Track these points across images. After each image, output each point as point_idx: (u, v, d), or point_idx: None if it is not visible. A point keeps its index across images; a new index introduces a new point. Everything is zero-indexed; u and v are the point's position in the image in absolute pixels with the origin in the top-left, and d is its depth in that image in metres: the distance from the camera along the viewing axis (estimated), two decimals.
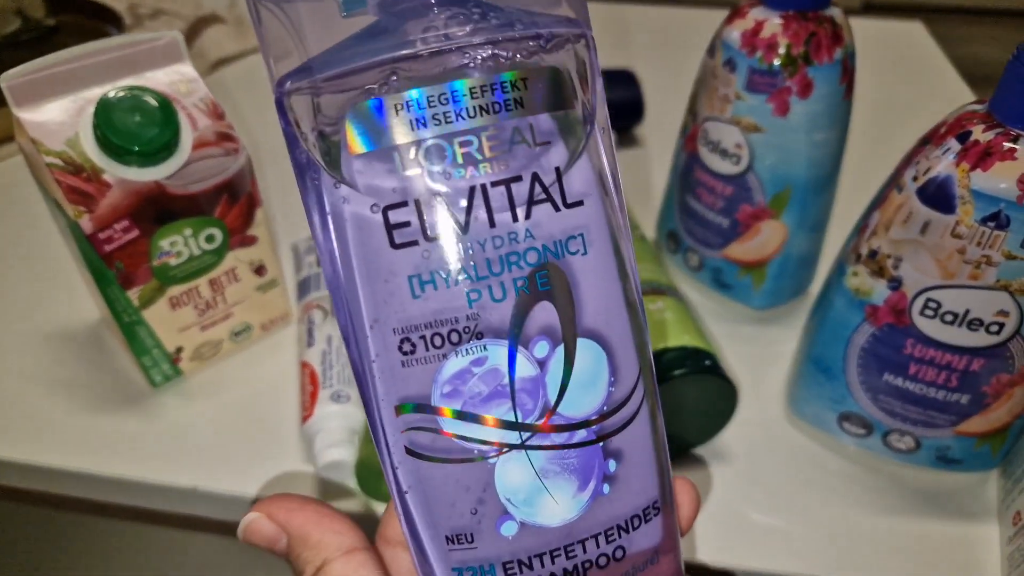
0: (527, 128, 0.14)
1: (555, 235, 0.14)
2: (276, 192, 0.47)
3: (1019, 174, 0.24)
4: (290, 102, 0.14)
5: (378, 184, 0.14)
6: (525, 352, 0.14)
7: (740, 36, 0.34)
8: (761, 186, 0.35)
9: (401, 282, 0.14)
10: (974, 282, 0.26)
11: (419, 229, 0.14)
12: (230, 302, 0.35)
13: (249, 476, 0.31)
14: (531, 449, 0.15)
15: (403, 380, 0.15)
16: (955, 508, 0.31)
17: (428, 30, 0.13)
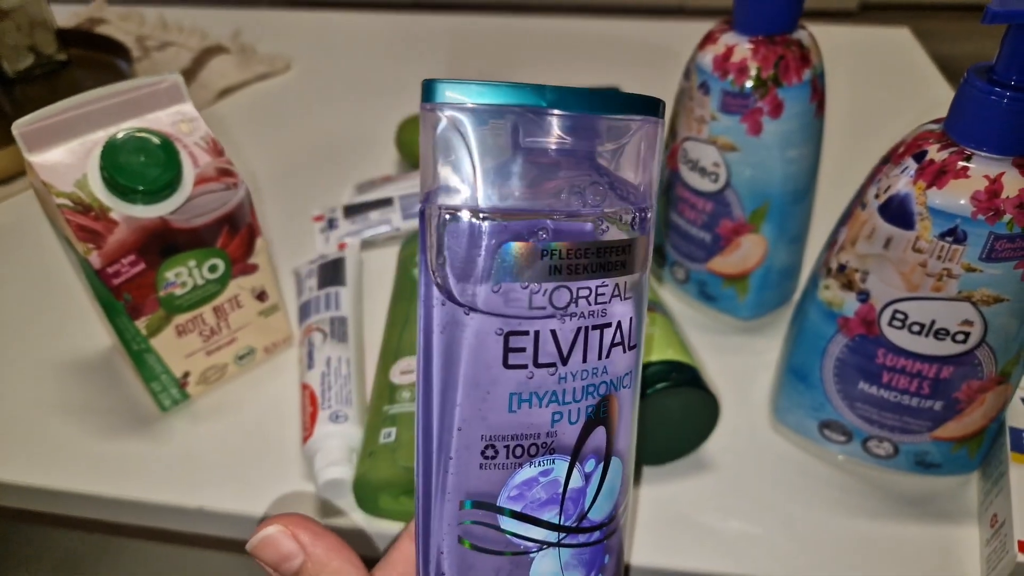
0: (624, 285, 0.17)
1: (619, 372, 0.17)
2: (276, 218, 0.49)
3: (972, 191, 0.25)
4: (434, 218, 0.16)
5: (507, 312, 0.16)
6: (579, 467, 0.17)
7: (712, 60, 0.35)
8: (740, 202, 0.37)
9: (502, 396, 0.16)
10: (937, 294, 0.27)
11: (531, 355, 0.16)
12: (234, 327, 0.37)
13: (253, 495, 0.33)
14: (563, 547, 0.17)
15: (477, 479, 0.17)
16: (936, 511, 0.32)
17: (567, 191, 0.16)
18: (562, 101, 0.16)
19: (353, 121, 0.60)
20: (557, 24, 0.75)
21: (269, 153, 0.56)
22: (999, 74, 0.25)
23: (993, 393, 0.29)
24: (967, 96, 0.25)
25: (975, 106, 0.25)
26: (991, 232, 0.25)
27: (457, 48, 0.71)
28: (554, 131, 0.16)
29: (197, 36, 0.72)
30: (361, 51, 0.71)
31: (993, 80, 0.25)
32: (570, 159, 0.16)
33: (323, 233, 0.46)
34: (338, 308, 0.38)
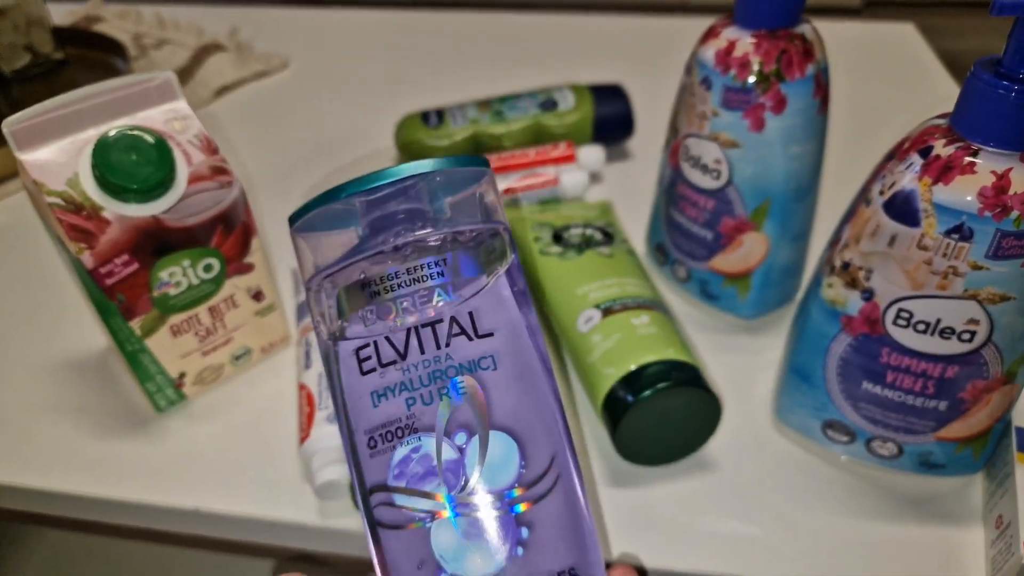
0: (446, 288, 0.21)
1: (470, 356, 0.20)
2: (273, 216, 0.49)
3: (979, 187, 0.25)
4: (311, 296, 0.21)
5: (355, 334, 0.21)
6: (448, 440, 0.20)
7: (714, 55, 0.34)
8: (741, 199, 0.36)
9: (366, 398, 0.20)
10: (943, 292, 0.27)
11: (376, 360, 0.20)
12: (230, 327, 0.36)
13: (249, 497, 0.32)
14: (457, 516, 0.19)
15: (372, 469, 0.20)
16: (940, 512, 0.32)
17: (386, 238, 0.21)
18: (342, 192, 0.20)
19: (351, 119, 0.60)
20: (558, 21, 0.75)
21: (267, 152, 0.56)
22: (1007, 67, 0.24)
23: (999, 393, 0.29)
24: (974, 90, 0.25)
25: (982, 100, 0.25)
26: (998, 229, 0.25)
27: (457, 45, 0.70)
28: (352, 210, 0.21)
29: (194, 34, 0.72)
30: (359, 49, 0.70)
31: (1000, 73, 0.24)
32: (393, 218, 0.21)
33: None
34: None
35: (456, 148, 0.51)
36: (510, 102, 0.52)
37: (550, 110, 0.52)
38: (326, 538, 0.32)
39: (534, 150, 0.48)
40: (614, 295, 0.35)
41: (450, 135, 0.51)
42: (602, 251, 0.39)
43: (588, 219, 0.42)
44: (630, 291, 0.36)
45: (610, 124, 0.53)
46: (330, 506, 0.32)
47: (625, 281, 0.36)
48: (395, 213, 0.21)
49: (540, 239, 0.41)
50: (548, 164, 0.48)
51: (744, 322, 0.40)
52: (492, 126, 0.51)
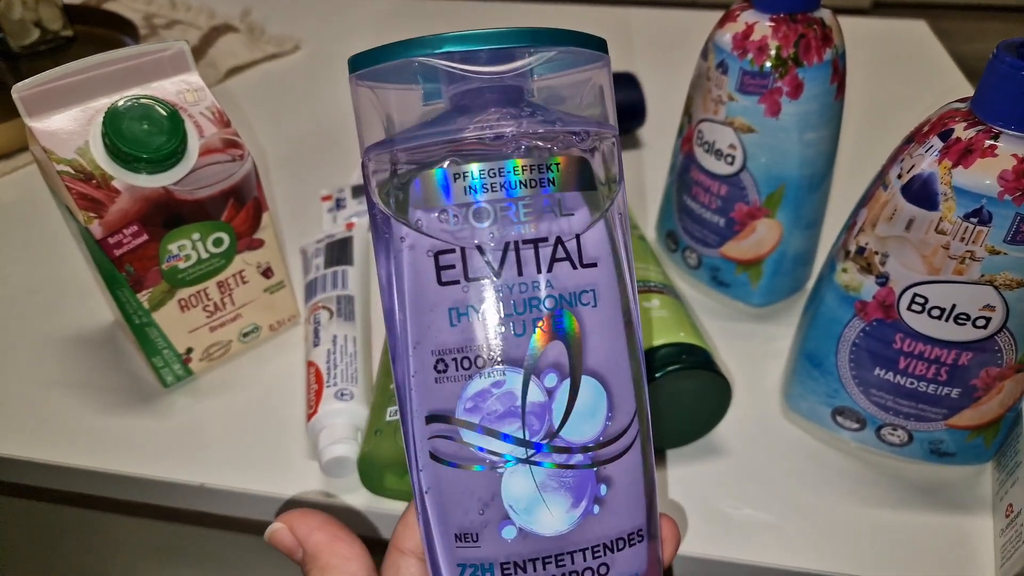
0: (557, 202, 0.17)
1: (570, 288, 0.17)
2: (284, 197, 0.49)
3: (1000, 171, 0.24)
4: (371, 167, 0.18)
5: (434, 234, 0.17)
6: (536, 381, 0.17)
7: (731, 39, 0.34)
8: (755, 185, 0.36)
9: (442, 312, 0.17)
10: (959, 277, 0.26)
11: (462, 271, 0.17)
12: (238, 303, 0.36)
13: (255, 473, 0.32)
14: (534, 465, 0.17)
15: (435, 395, 0.17)
16: (950, 500, 0.31)
17: (483, 122, 0.17)
18: (459, 42, 0.17)
19: None
20: (572, 10, 0.75)
21: (278, 132, 0.56)
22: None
23: (1012, 381, 0.29)
24: (996, 72, 0.25)
25: (1004, 83, 0.24)
26: (1017, 213, 0.25)
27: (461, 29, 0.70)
28: (458, 74, 0.17)
29: (205, 15, 0.72)
30: (372, 32, 0.70)
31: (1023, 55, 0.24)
32: (488, 95, 0.17)
33: (330, 213, 0.46)
34: (345, 287, 0.38)
35: None
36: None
37: None
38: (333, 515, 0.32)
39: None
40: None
41: None
42: None
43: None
44: (641, 275, 0.35)
45: (623, 112, 0.52)
46: (337, 483, 0.31)
47: (638, 266, 0.36)
48: (495, 91, 0.17)
49: None
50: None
51: (752, 310, 0.40)
52: None
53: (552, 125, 0.17)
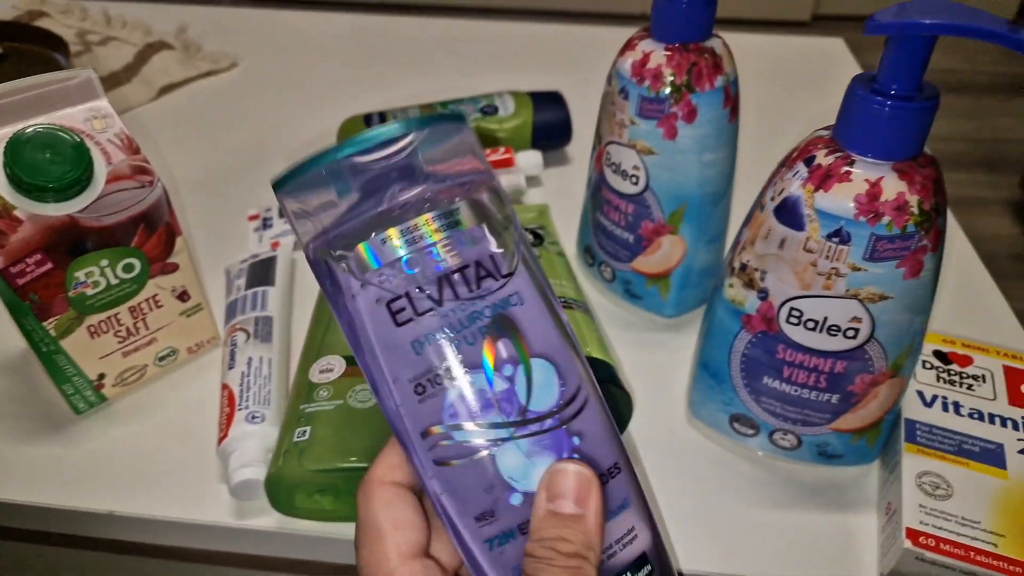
0: (467, 237, 0.21)
1: (499, 296, 0.21)
2: (202, 220, 0.49)
3: (855, 194, 0.26)
4: (317, 255, 0.21)
5: (380, 288, 0.21)
6: (498, 374, 0.21)
7: (630, 66, 0.36)
8: (659, 204, 0.38)
9: (406, 347, 0.21)
10: (827, 292, 0.28)
11: (412, 311, 0.21)
12: (152, 328, 0.36)
13: (166, 499, 0.32)
14: (518, 439, 0.21)
15: (422, 414, 0.21)
16: (841, 500, 0.33)
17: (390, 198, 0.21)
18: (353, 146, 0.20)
19: (298, 120, 0.60)
20: (504, 27, 0.76)
21: (211, 151, 0.56)
22: (880, 83, 0.26)
23: (886, 386, 0.31)
24: (852, 104, 0.27)
25: (858, 114, 0.26)
26: (872, 233, 0.27)
27: (404, 50, 0.71)
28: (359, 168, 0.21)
29: (141, 31, 0.71)
30: (309, 50, 0.70)
31: (874, 89, 0.26)
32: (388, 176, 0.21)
33: (256, 232, 0.46)
34: (264, 308, 0.38)
35: None
36: (452, 107, 0.53)
37: (490, 115, 0.53)
38: (243, 538, 0.32)
39: None
40: None
41: None
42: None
43: (522, 222, 0.43)
44: (557, 292, 0.37)
45: (549, 130, 0.54)
46: (247, 506, 0.32)
47: (554, 282, 0.38)
48: (389, 172, 0.21)
49: None
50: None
51: (665, 321, 0.42)
52: None
53: (443, 183, 0.21)
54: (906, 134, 0.26)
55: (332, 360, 0.32)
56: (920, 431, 0.32)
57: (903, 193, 0.26)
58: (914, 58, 0.25)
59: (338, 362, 0.32)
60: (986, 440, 0.31)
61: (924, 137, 0.27)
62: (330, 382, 0.31)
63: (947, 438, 0.32)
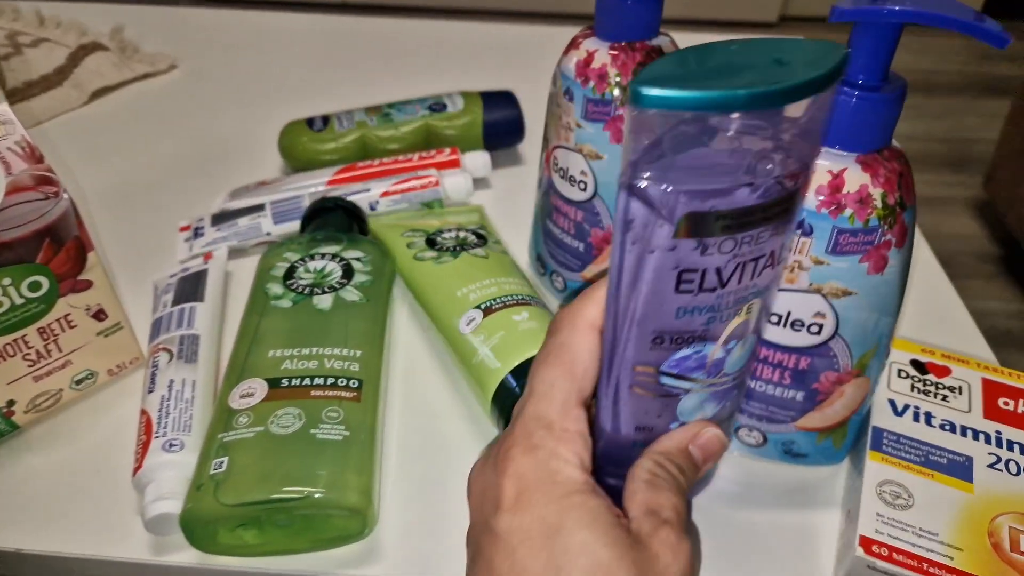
0: (782, 227, 0.21)
1: (766, 283, 0.22)
2: (133, 233, 0.46)
3: (817, 185, 0.26)
4: (646, 192, 0.20)
5: (683, 257, 0.20)
6: (724, 347, 0.23)
7: (575, 66, 0.34)
8: (608, 211, 0.36)
9: (671, 309, 0.22)
10: (791, 286, 0.28)
11: (697, 285, 0.21)
12: (66, 350, 0.33)
13: (79, 535, 0.30)
14: (702, 391, 0.24)
15: (647, 356, 0.22)
16: (806, 501, 0.32)
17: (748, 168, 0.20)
18: (749, 103, 0.18)
19: (239, 125, 0.57)
20: (455, 27, 0.74)
21: (145, 158, 0.53)
22: (847, 74, 0.25)
23: (852, 386, 0.30)
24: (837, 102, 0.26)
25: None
26: (834, 226, 0.26)
27: (352, 51, 0.69)
28: (736, 124, 0.19)
29: (75, 32, 0.68)
30: (253, 52, 0.68)
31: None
32: (750, 140, 0.20)
33: (187, 243, 0.43)
34: (191, 326, 0.36)
35: (341, 151, 0.50)
36: (398, 106, 0.51)
37: (439, 112, 0.51)
38: (161, 575, 0.30)
39: (418, 155, 0.48)
40: (493, 294, 0.35)
41: (336, 138, 0.49)
42: (477, 253, 0.39)
43: (461, 223, 0.42)
44: (508, 289, 0.36)
45: (500, 128, 0.52)
46: (167, 541, 0.29)
47: (502, 280, 0.37)
48: (775, 132, 0.20)
49: (413, 244, 0.40)
50: (431, 167, 0.47)
51: None
52: (380, 129, 0.50)
53: (794, 161, 0.20)
54: (871, 125, 0.25)
55: (254, 384, 0.30)
56: (887, 440, 0.31)
57: (866, 186, 0.25)
58: (879, 47, 0.24)
59: (260, 385, 0.30)
60: (955, 452, 0.30)
61: (890, 130, 0.26)
62: (251, 407, 0.29)
63: (915, 448, 0.31)
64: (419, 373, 0.37)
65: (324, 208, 0.41)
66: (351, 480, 0.28)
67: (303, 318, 0.34)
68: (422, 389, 0.37)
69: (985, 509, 0.28)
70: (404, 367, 0.38)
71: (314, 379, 0.30)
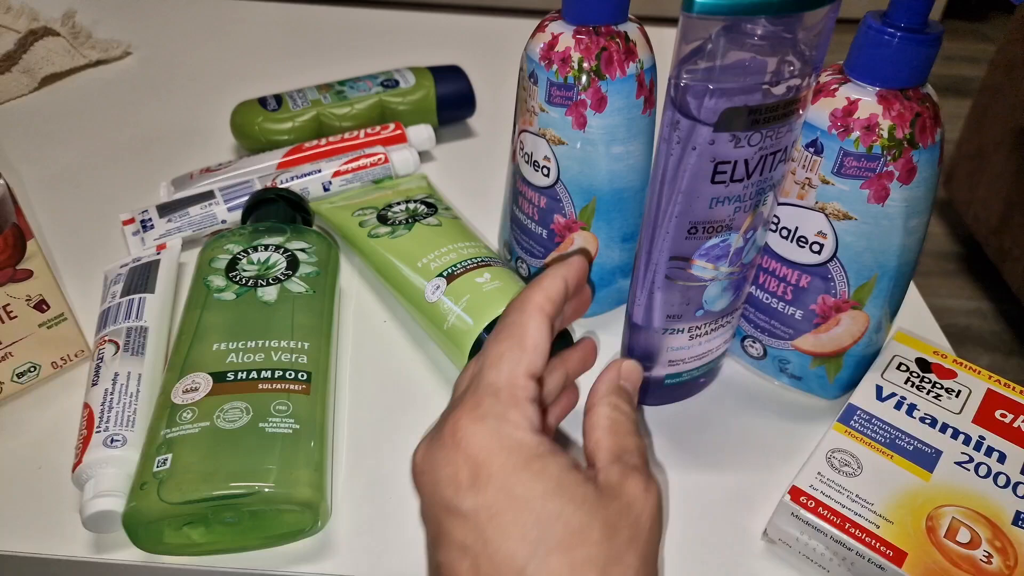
0: (796, 123, 0.26)
1: (778, 176, 0.27)
2: (97, 220, 0.44)
3: (832, 108, 0.28)
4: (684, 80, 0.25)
5: (720, 150, 0.25)
6: (744, 236, 0.28)
7: (539, 50, 0.34)
8: (570, 198, 0.36)
9: (706, 199, 0.26)
10: (800, 201, 0.30)
11: (729, 175, 0.26)
12: (6, 342, 0.32)
13: (15, 533, 0.28)
14: (726, 279, 0.29)
15: (683, 244, 0.28)
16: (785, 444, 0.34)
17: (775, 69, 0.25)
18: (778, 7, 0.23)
19: (191, 111, 0.55)
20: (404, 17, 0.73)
21: (94, 146, 0.51)
22: (888, 16, 0.27)
23: (848, 316, 0.32)
24: (859, 31, 0.28)
25: (856, 40, 0.28)
26: (841, 147, 0.28)
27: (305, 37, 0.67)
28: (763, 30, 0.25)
29: (26, 17, 0.65)
30: (207, 38, 0.65)
31: (885, 21, 0.27)
32: (779, 43, 0.25)
33: (136, 235, 0.42)
34: (139, 317, 0.34)
35: (298, 130, 0.49)
36: (350, 83, 0.51)
37: (391, 88, 0.51)
38: (103, 574, 0.28)
39: (363, 131, 0.47)
40: (453, 260, 0.36)
41: (292, 117, 0.48)
42: (430, 222, 0.39)
43: (409, 193, 0.42)
44: (467, 254, 0.36)
45: (451, 101, 0.52)
46: (109, 538, 0.28)
47: (459, 246, 0.37)
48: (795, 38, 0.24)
49: (366, 223, 0.40)
50: (377, 144, 0.46)
51: (584, 320, 0.40)
52: (334, 107, 0.49)
53: (808, 64, 0.25)
54: (890, 62, 0.27)
55: (198, 378, 0.29)
56: (858, 417, 0.31)
57: (876, 115, 0.27)
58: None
59: (204, 379, 0.29)
60: (925, 443, 0.30)
61: (913, 70, 0.27)
62: (195, 402, 0.28)
63: (883, 430, 0.30)
64: (369, 362, 0.37)
65: (266, 199, 0.40)
66: (302, 474, 0.27)
67: (248, 310, 0.32)
68: (373, 379, 0.36)
69: (934, 497, 0.28)
70: (353, 357, 0.37)
71: (261, 372, 0.29)
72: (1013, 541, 0.27)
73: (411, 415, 0.34)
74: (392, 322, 0.39)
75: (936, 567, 0.26)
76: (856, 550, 0.27)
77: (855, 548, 0.26)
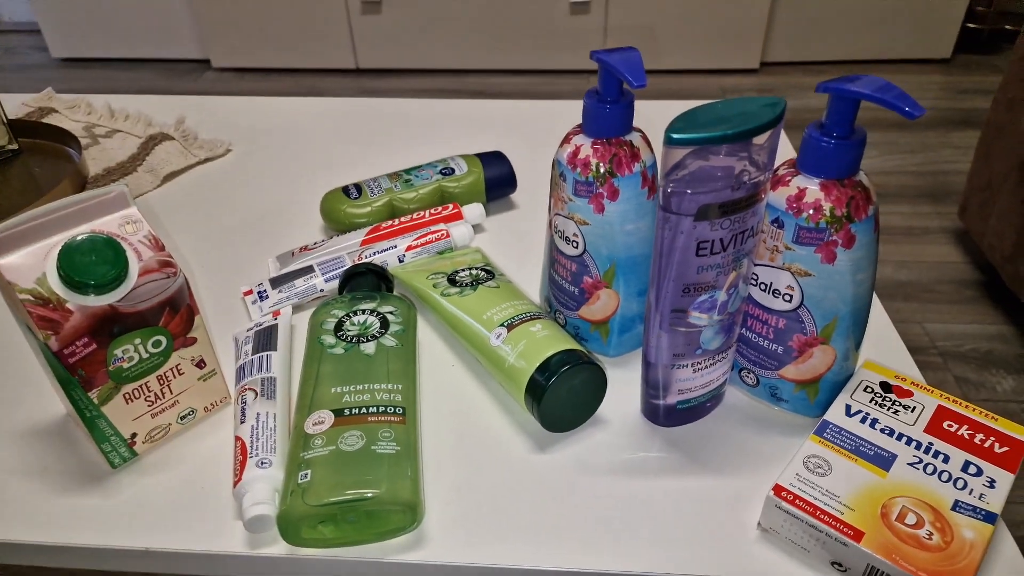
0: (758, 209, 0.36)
1: (749, 249, 0.37)
2: (218, 292, 0.56)
3: (787, 195, 0.38)
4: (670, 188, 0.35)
5: (701, 233, 0.35)
6: (727, 292, 0.38)
7: (567, 156, 0.44)
8: (595, 263, 0.45)
9: (693, 267, 0.36)
10: (772, 263, 0.40)
11: (709, 250, 0.36)
12: (175, 392, 0.43)
13: (192, 536, 0.38)
14: (717, 324, 0.39)
15: (680, 301, 0.38)
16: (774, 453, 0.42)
17: (739, 176, 0.35)
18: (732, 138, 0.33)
19: (285, 197, 0.67)
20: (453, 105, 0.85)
21: (209, 230, 0.63)
22: (823, 127, 0.37)
23: (819, 350, 0.41)
24: (804, 139, 0.38)
25: (803, 143, 0.38)
26: (797, 223, 0.38)
27: (373, 129, 0.80)
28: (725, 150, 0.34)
29: (143, 123, 0.79)
30: (291, 134, 0.79)
31: (821, 128, 0.37)
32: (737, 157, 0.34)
33: (255, 304, 0.53)
34: (268, 370, 0.45)
35: (375, 213, 0.60)
36: (415, 172, 0.62)
37: (448, 176, 0.62)
38: (257, 565, 0.38)
39: (428, 212, 0.59)
40: (512, 314, 0.45)
41: (370, 203, 0.60)
42: (490, 284, 0.49)
43: (469, 263, 0.53)
44: (521, 309, 0.46)
45: (497, 182, 0.64)
46: (258, 537, 0.38)
47: (515, 303, 0.47)
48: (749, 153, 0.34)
49: (439, 285, 0.50)
50: (440, 222, 0.58)
51: (610, 360, 0.49)
52: (403, 193, 0.61)
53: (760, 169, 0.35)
54: (828, 160, 0.37)
55: (322, 414, 0.39)
56: (831, 430, 0.39)
57: (820, 199, 0.37)
58: (838, 112, 0.36)
59: (327, 415, 0.39)
60: (882, 448, 0.38)
61: (844, 166, 0.37)
62: (323, 432, 0.38)
63: (849, 439, 0.39)
64: (444, 397, 0.46)
65: (358, 272, 0.51)
66: (404, 483, 0.37)
67: (354, 361, 0.43)
68: (447, 410, 0.46)
69: (889, 490, 0.36)
70: (431, 394, 0.47)
71: (369, 408, 0.39)
72: (951, 523, 0.34)
73: (477, 437, 0.44)
74: (459, 366, 0.49)
75: (888, 543, 0.34)
76: (825, 532, 0.35)
77: (824, 530, 0.35)
